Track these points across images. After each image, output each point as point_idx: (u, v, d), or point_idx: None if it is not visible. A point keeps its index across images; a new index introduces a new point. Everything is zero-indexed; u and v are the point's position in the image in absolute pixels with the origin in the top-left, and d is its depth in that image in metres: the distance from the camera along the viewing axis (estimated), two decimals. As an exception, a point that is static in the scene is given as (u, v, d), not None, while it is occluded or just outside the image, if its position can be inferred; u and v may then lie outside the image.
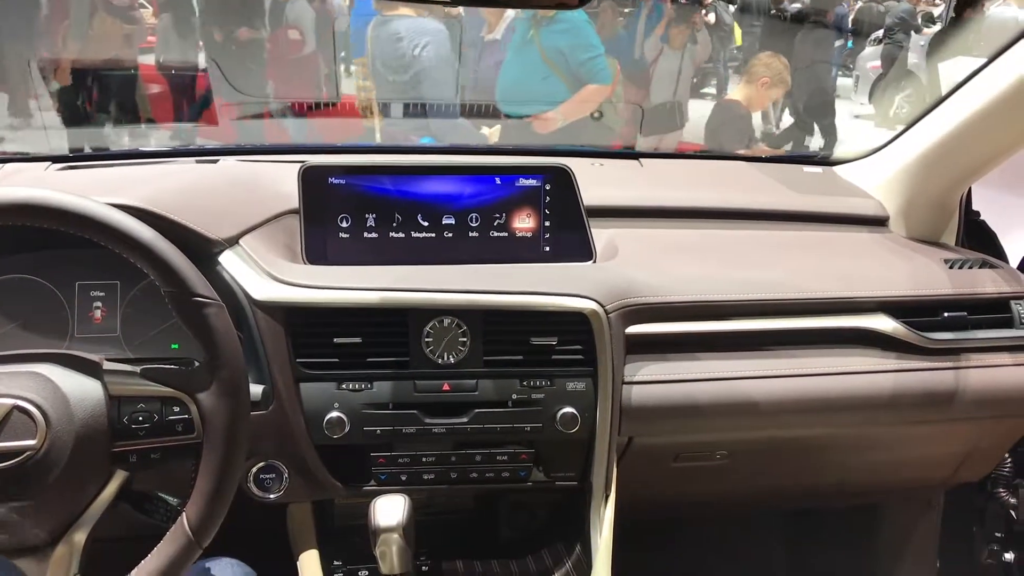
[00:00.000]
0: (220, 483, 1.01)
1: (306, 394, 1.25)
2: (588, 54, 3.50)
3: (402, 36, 3.29)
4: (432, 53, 3.29)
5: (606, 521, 1.33)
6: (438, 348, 1.28)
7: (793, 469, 1.60)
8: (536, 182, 1.39)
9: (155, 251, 1.01)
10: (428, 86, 3.30)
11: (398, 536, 1.15)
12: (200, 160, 1.60)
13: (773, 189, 1.73)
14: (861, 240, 1.62)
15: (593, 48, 3.52)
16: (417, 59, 3.27)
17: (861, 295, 1.43)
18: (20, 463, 0.94)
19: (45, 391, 0.97)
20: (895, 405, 1.42)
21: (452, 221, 1.38)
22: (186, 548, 1.00)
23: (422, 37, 3.27)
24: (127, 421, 1.01)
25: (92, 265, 1.31)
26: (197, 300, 1.02)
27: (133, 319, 1.33)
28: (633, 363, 1.34)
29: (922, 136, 1.60)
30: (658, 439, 1.42)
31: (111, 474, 1.03)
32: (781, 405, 1.37)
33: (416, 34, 3.28)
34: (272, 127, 3.03)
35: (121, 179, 1.45)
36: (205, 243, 1.26)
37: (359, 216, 1.36)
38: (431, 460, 1.30)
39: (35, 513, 0.97)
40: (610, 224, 1.51)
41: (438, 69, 3.34)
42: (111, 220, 1.00)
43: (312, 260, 1.34)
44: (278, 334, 1.24)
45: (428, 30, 3.34)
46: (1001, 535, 1.80)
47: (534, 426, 1.29)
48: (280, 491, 1.27)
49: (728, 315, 1.39)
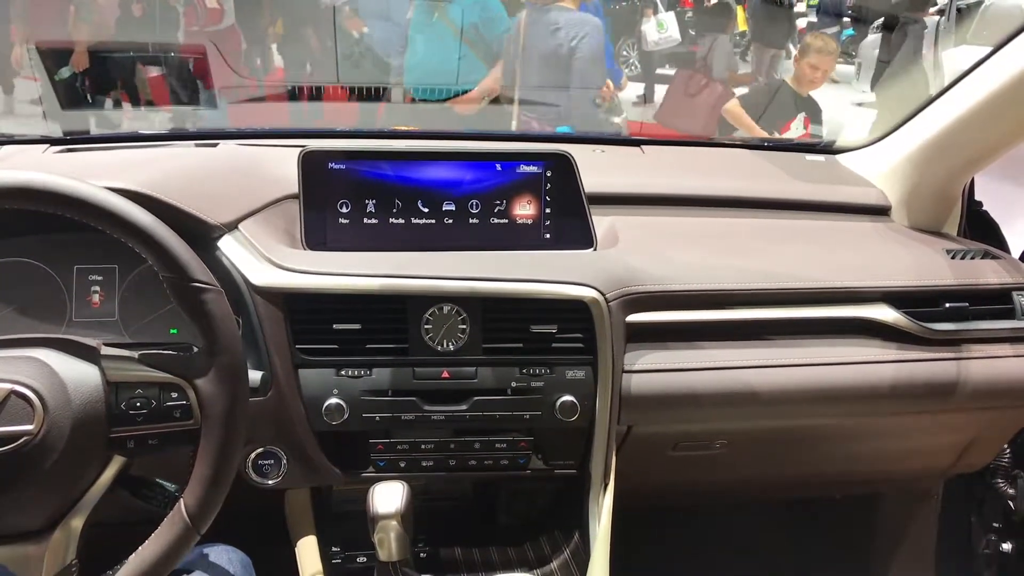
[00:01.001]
0: (218, 469, 1.01)
1: (305, 380, 1.25)
2: (503, 26, 3.42)
3: (560, 27, 3.26)
4: (587, 45, 3.25)
5: (604, 509, 1.33)
6: (437, 335, 1.28)
7: (792, 458, 1.60)
8: (537, 168, 1.38)
9: (153, 236, 1.00)
10: (576, 79, 3.25)
11: (396, 523, 1.15)
12: (199, 144, 1.59)
13: (775, 177, 1.73)
14: (863, 229, 1.61)
15: (505, 20, 3.44)
16: (575, 51, 3.23)
17: (862, 285, 1.42)
18: (17, 448, 0.93)
19: (42, 376, 0.97)
20: (895, 395, 1.42)
21: (452, 207, 1.38)
22: (184, 534, 1.00)
23: (579, 29, 3.24)
24: (125, 407, 1.01)
25: (90, 249, 1.30)
26: (195, 286, 1.01)
27: (131, 304, 1.32)
28: (633, 351, 1.33)
29: (925, 125, 1.59)
30: (657, 428, 1.41)
31: (108, 459, 1.03)
32: (781, 395, 1.37)
33: (573, 26, 3.24)
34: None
35: (120, 162, 1.44)
36: (204, 228, 1.25)
37: (359, 202, 1.36)
38: (430, 447, 1.30)
39: (32, 498, 0.97)
40: (611, 211, 1.51)
41: (593, 60, 3.31)
42: (109, 204, 0.99)
43: (311, 246, 1.33)
44: (277, 320, 1.23)
45: (587, 22, 3.31)
46: (999, 525, 1.80)
47: (533, 414, 1.29)
48: (278, 477, 1.27)
49: (729, 304, 1.38)
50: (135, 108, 3.15)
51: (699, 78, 4.84)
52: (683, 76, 4.97)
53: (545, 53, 3.29)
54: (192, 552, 1.23)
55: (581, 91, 3.28)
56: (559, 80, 3.27)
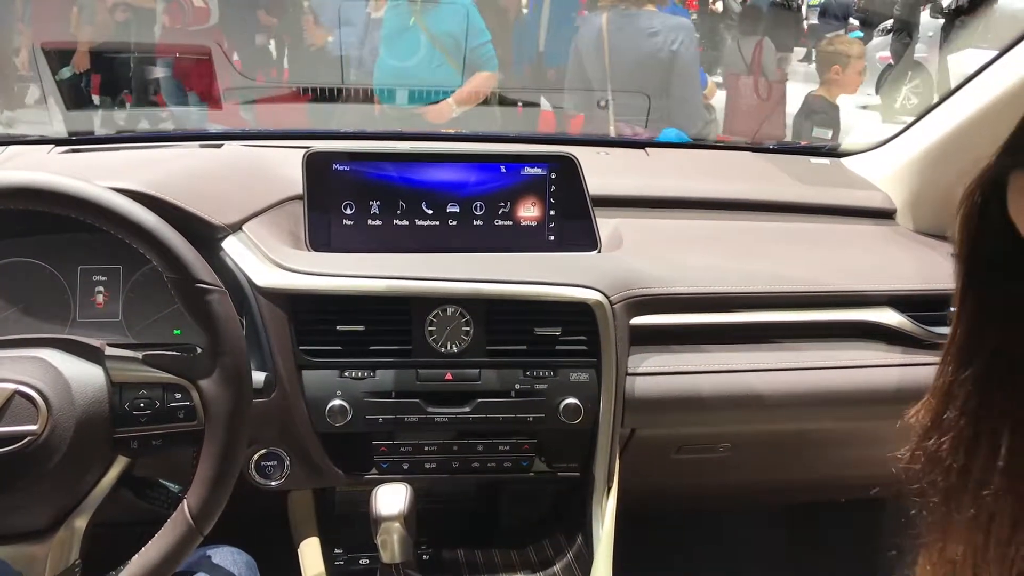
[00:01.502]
0: (221, 470, 1.01)
1: (308, 382, 1.24)
2: (480, 39, 3.33)
3: (657, 31, 3.19)
4: (688, 49, 3.20)
5: (608, 512, 1.33)
6: (441, 337, 1.28)
7: (796, 462, 1.60)
8: (541, 171, 1.38)
9: (158, 237, 1.00)
10: (679, 84, 3.19)
11: (399, 525, 1.14)
12: (204, 144, 1.59)
13: (780, 180, 1.72)
14: (867, 233, 1.61)
15: (484, 33, 3.37)
16: (676, 55, 3.17)
17: (867, 288, 1.42)
18: (21, 448, 0.94)
19: (47, 376, 0.97)
20: (900, 399, 1.39)
21: (456, 209, 1.38)
22: (187, 535, 1.00)
23: (678, 33, 3.19)
24: (128, 407, 1.01)
25: (94, 249, 1.31)
26: (200, 287, 1.01)
27: (135, 304, 1.33)
28: (637, 354, 1.33)
29: (931, 129, 1.59)
30: (661, 431, 1.41)
31: (112, 460, 1.03)
32: (786, 398, 1.36)
33: (671, 30, 3.19)
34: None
35: (124, 163, 1.45)
36: (208, 229, 1.25)
37: (363, 203, 1.36)
38: (433, 449, 1.30)
39: (36, 498, 0.97)
40: (615, 214, 1.51)
41: (695, 64, 3.26)
42: (113, 205, 0.99)
43: (315, 247, 1.33)
44: (281, 321, 1.23)
45: (684, 26, 3.27)
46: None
47: (537, 416, 1.29)
48: (281, 478, 1.27)
49: (733, 307, 1.38)
50: (139, 108, 3.16)
51: (752, 81, 4.83)
52: (740, 82, 4.92)
53: (640, 58, 3.22)
54: (196, 553, 1.23)
55: (682, 95, 3.20)
56: (657, 84, 3.19)
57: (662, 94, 3.19)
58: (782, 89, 4.87)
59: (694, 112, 3.34)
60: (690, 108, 3.29)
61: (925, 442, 0.66)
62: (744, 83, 4.83)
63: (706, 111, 3.87)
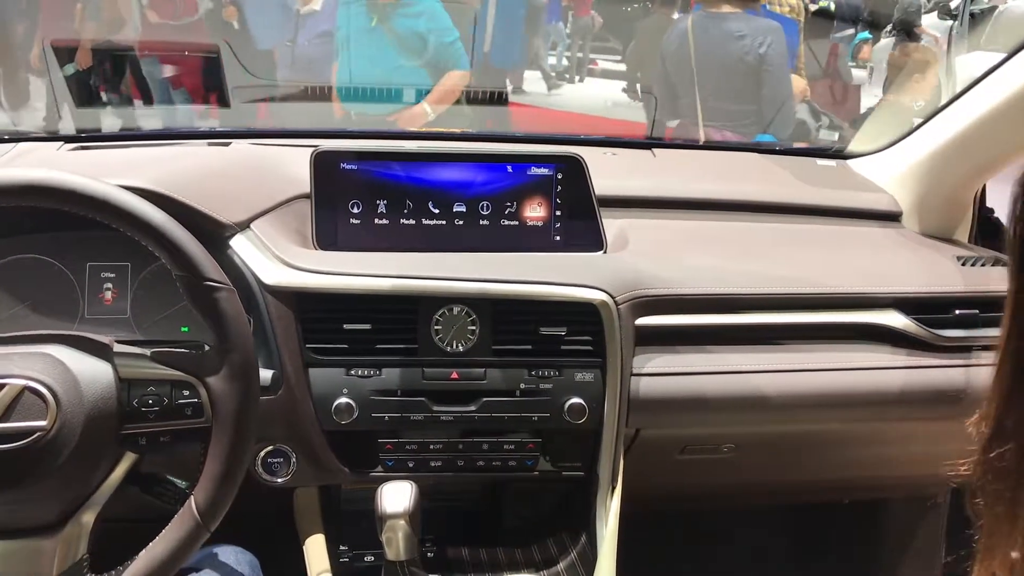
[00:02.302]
0: (229, 467, 1.02)
1: (315, 379, 1.25)
2: (450, 37, 3.20)
3: (745, 34, 3.14)
4: (776, 51, 3.14)
5: (612, 512, 1.33)
6: (447, 336, 1.28)
7: (800, 463, 1.60)
8: (548, 171, 1.39)
9: (167, 234, 1.01)
10: (769, 87, 3.13)
11: (404, 523, 1.15)
12: (212, 143, 1.60)
13: (786, 182, 1.73)
14: (874, 235, 1.61)
15: (453, 31, 3.22)
16: (765, 58, 3.11)
17: (873, 291, 1.42)
18: (31, 443, 0.94)
19: (56, 372, 0.98)
20: (904, 401, 1.41)
21: (463, 209, 1.38)
22: (194, 531, 1.01)
23: (765, 36, 3.13)
24: (137, 404, 1.02)
25: (103, 247, 1.31)
26: (208, 284, 1.02)
27: (143, 301, 1.34)
28: (642, 355, 1.34)
29: (937, 131, 1.59)
30: (665, 431, 1.42)
31: (120, 456, 1.04)
32: (790, 399, 1.37)
33: (759, 32, 3.14)
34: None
35: (133, 161, 1.45)
36: (216, 227, 1.26)
37: (370, 202, 1.36)
38: (438, 447, 1.31)
39: (45, 493, 0.98)
40: (621, 214, 1.51)
41: (782, 67, 3.19)
42: (123, 203, 1.00)
43: (323, 245, 1.34)
44: (288, 319, 1.24)
45: (771, 28, 3.21)
46: (1006, 534, 1.79)
47: (542, 416, 1.29)
48: (288, 475, 1.28)
49: (739, 308, 1.38)
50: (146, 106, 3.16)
51: (827, 85, 4.82)
52: (817, 86, 4.88)
53: (728, 62, 3.17)
54: (201, 552, 1.24)
55: (772, 98, 3.14)
56: (745, 88, 3.15)
57: (752, 99, 3.15)
58: (858, 93, 4.85)
59: (785, 116, 3.28)
60: (781, 112, 3.22)
61: (987, 453, 0.64)
62: (821, 87, 4.81)
63: (814, 116, 3.79)
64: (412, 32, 3.18)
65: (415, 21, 3.18)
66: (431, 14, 3.21)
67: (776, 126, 3.10)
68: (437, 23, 3.20)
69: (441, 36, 3.19)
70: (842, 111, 4.63)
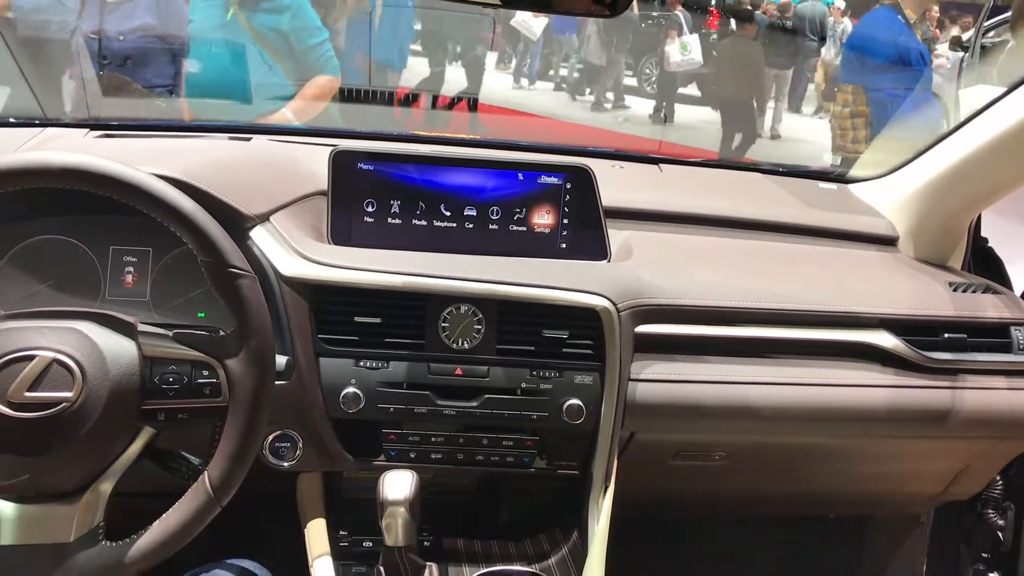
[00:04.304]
0: (242, 446, 1.06)
1: (325, 369, 1.30)
2: (317, 38, 2.93)
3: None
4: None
5: (604, 511, 1.37)
6: (453, 334, 1.33)
7: (788, 475, 1.64)
8: (557, 180, 1.43)
9: (196, 222, 1.06)
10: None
11: (404, 510, 1.20)
12: (233, 137, 1.65)
13: (788, 202, 1.77)
14: (869, 258, 1.66)
15: (321, 32, 2.97)
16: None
17: (865, 311, 1.47)
18: (56, 413, 0.99)
19: (83, 347, 1.03)
20: (891, 419, 1.46)
21: (474, 213, 1.42)
22: (206, 504, 1.06)
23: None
24: (158, 381, 1.06)
25: (126, 231, 1.36)
26: (232, 271, 1.07)
27: (163, 286, 1.38)
28: (640, 361, 1.38)
29: (936, 161, 1.63)
30: (659, 436, 1.46)
31: (139, 430, 1.08)
32: (781, 411, 1.41)
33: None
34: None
35: (159, 150, 1.50)
36: (238, 218, 1.31)
37: (385, 202, 1.41)
38: (440, 440, 1.35)
39: (67, 461, 1.02)
40: (627, 226, 1.55)
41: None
42: (156, 190, 1.05)
43: (337, 241, 1.38)
44: (302, 309, 1.29)
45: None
46: (987, 555, 1.83)
47: (540, 415, 1.34)
48: (294, 460, 1.32)
49: (735, 321, 1.43)
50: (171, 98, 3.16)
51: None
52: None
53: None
54: (211, 568, 1.29)
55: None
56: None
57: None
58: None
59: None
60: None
61: None
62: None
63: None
64: (273, 30, 2.90)
65: (277, 18, 2.90)
66: (296, 11, 2.93)
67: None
68: (302, 22, 2.94)
69: (306, 37, 2.93)
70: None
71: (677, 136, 7.59)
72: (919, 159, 1.69)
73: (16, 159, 1.02)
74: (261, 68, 2.90)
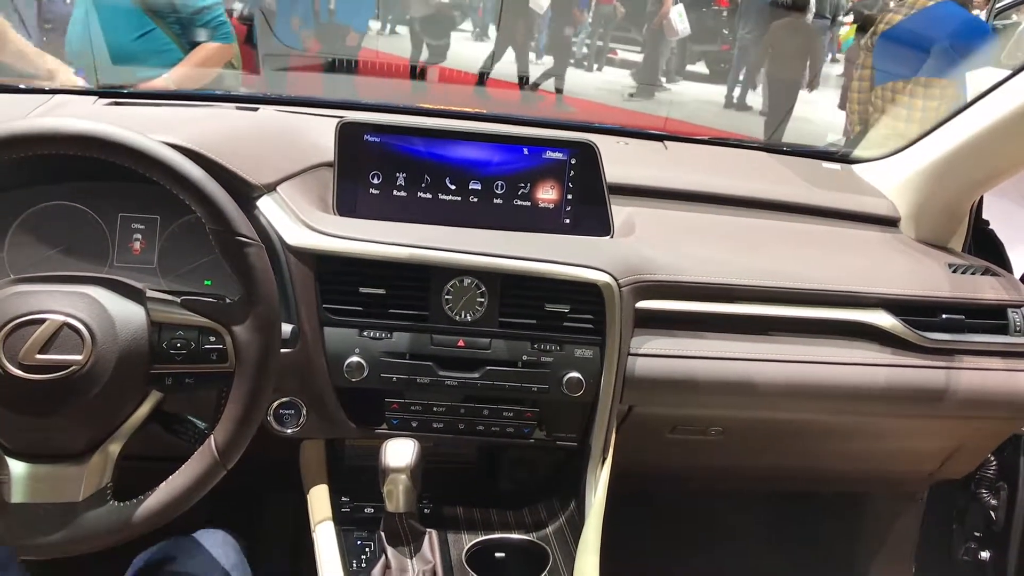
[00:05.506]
0: (248, 410, 1.09)
1: (330, 338, 1.32)
2: (203, 2, 2.73)
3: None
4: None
5: (601, 482, 1.40)
6: (456, 306, 1.35)
7: (784, 451, 1.66)
8: (562, 156, 1.44)
9: (204, 190, 1.07)
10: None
11: (405, 477, 1.22)
12: (240, 107, 1.66)
13: (791, 181, 1.78)
14: (870, 238, 1.67)
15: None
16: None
17: (863, 290, 1.48)
18: (66, 376, 1.01)
19: (93, 311, 1.04)
20: (887, 398, 1.48)
21: (478, 187, 1.43)
22: (212, 467, 1.08)
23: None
24: (166, 346, 1.08)
25: (135, 199, 1.38)
26: (240, 239, 1.08)
27: (170, 253, 1.40)
28: (640, 336, 1.40)
29: (940, 142, 1.64)
30: (657, 409, 1.48)
31: (147, 394, 1.10)
32: (776, 388, 1.43)
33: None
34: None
35: (167, 118, 1.51)
36: (245, 187, 1.32)
37: (390, 174, 1.42)
38: (441, 410, 1.37)
39: (76, 422, 1.04)
40: (630, 202, 1.57)
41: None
42: (166, 157, 1.06)
43: (342, 212, 1.39)
44: (308, 279, 1.30)
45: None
46: (980, 534, 1.86)
47: (541, 387, 1.36)
48: (297, 427, 1.35)
49: (735, 299, 1.44)
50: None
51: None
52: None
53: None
54: (184, 537, 1.31)
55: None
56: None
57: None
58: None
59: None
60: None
61: None
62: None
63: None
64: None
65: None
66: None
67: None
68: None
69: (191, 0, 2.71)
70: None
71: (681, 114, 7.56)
72: (922, 141, 1.70)
73: (27, 125, 1.04)
74: (137, 32, 2.71)
